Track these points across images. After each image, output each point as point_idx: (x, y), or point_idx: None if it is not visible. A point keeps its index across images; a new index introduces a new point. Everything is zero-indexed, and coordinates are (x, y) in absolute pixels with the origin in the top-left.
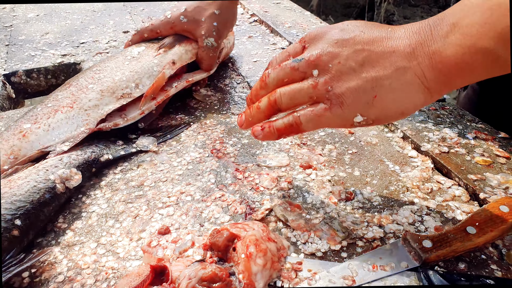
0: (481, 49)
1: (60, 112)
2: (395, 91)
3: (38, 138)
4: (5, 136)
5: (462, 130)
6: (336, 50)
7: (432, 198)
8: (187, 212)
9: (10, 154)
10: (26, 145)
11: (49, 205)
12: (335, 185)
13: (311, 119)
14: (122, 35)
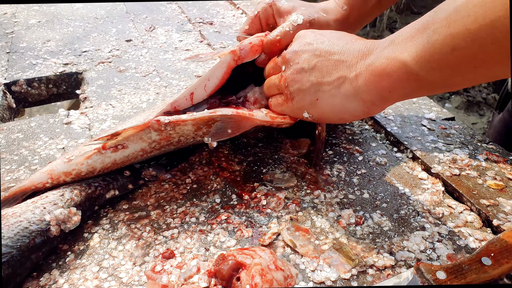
0: (400, 62)
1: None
2: (333, 98)
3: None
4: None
5: (473, 151)
6: (300, 51)
7: (443, 224)
8: (192, 234)
9: (66, 156)
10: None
11: (39, 250)
12: (344, 208)
13: (275, 106)
14: (125, 43)
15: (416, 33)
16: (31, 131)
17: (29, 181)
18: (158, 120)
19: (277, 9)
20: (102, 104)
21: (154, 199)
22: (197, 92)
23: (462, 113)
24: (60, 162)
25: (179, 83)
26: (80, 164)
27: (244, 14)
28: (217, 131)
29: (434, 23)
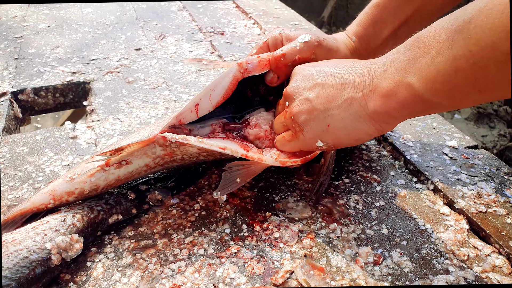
0: (406, 85)
1: (136, 132)
2: (344, 120)
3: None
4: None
5: (500, 185)
6: (301, 83)
7: (469, 267)
8: (200, 268)
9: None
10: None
11: (39, 281)
12: (362, 245)
13: (283, 144)
14: (134, 52)
15: (419, 55)
16: (36, 145)
17: (30, 202)
18: (165, 137)
19: (287, 35)
20: (109, 117)
21: (161, 226)
22: (203, 103)
23: (472, 124)
24: (62, 181)
25: (189, 97)
26: (83, 182)
27: (256, 24)
28: (225, 183)
29: (436, 44)
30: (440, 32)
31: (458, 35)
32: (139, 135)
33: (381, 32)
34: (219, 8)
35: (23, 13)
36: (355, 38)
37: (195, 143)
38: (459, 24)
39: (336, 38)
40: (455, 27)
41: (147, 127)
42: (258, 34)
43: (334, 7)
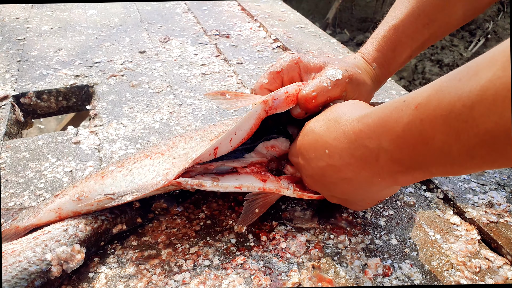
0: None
1: (149, 158)
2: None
3: (113, 182)
4: (89, 175)
5: (511, 194)
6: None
7: (481, 280)
8: (205, 280)
9: (75, 194)
10: (97, 188)
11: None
12: (371, 256)
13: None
14: (138, 55)
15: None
16: (38, 150)
17: (36, 219)
18: (180, 183)
19: (305, 65)
20: (113, 122)
21: (165, 235)
22: (222, 147)
23: None
24: (68, 200)
25: (193, 101)
26: (90, 205)
27: (261, 27)
28: (245, 214)
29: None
30: (438, 119)
31: (461, 124)
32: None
33: (400, 57)
34: (224, 10)
35: (26, 15)
36: (375, 65)
37: (210, 188)
38: (459, 111)
39: (360, 68)
40: (455, 114)
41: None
42: (264, 37)
43: (339, 9)
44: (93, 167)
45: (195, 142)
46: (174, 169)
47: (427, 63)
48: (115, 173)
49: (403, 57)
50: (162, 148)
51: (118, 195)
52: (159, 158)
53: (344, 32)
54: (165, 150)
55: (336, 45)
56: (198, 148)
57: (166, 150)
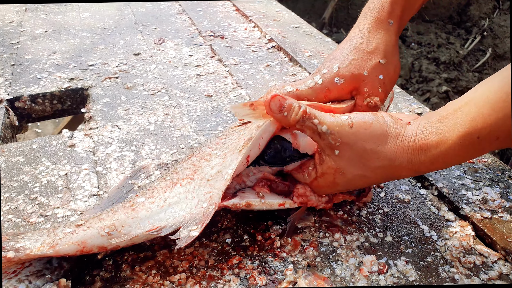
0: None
1: (179, 185)
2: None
3: (149, 215)
4: (116, 207)
5: (505, 190)
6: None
7: (475, 275)
8: (200, 280)
9: (104, 228)
10: (131, 222)
11: None
12: (366, 253)
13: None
14: (133, 57)
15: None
16: (32, 154)
17: (54, 251)
18: (227, 206)
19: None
20: (107, 125)
21: (160, 237)
22: (252, 153)
23: None
24: (96, 234)
25: (188, 103)
26: (122, 241)
27: (256, 28)
28: (290, 230)
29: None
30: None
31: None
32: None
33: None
34: (219, 11)
35: (20, 18)
36: (392, 21)
37: (258, 207)
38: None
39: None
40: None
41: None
42: (259, 38)
43: (335, 8)
44: (88, 169)
45: (220, 158)
46: (216, 191)
47: (424, 61)
48: (148, 205)
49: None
50: (186, 172)
51: (166, 230)
52: (191, 183)
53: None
54: (192, 174)
55: (331, 44)
56: (229, 162)
57: (192, 173)
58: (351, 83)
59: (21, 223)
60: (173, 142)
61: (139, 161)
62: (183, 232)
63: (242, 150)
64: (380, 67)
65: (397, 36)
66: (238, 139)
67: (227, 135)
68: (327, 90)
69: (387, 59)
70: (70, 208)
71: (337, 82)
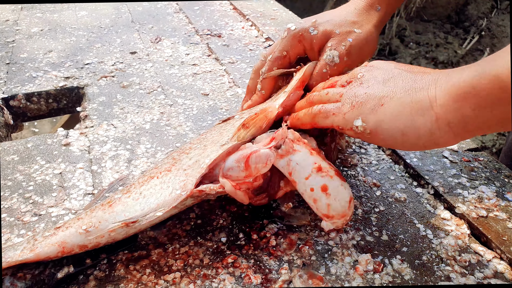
0: (490, 74)
1: (156, 178)
2: (402, 106)
3: (125, 209)
4: (94, 206)
5: (500, 189)
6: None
7: (470, 274)
8: (195, 279)
9: (82, 225)
10: (108, 217)
11: None
12: (362, 252)
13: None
14: (129, 56)
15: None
16: (27, 153)
17: (34, 254)
18: (201, 191)
19: (309, 43)
20: (103, 123)
21: (154, 235)
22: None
23: None
24: (74, 232)
25: (185, 101)
26: (101, 237)
27: (253, 26)
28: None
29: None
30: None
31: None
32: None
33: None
34: (216, 10)
35: (16, 17)
36: (379, 6)
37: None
38: None
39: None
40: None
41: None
42: (256, 36)
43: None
44: (83, 168)
45: (200, 149)
46: (191, 178)
47: (422, 60)
48: (124, 199)
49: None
50: (165, 166)
51: (141, 220)
52: (168, 174)
53: None
54: (170, 167)
55: None
56: (208, 153)
57: (170, 166)
58: (323, 38)
59: (15, 222)
60: (169, 140)
61: (135, 159)
62: (149, 214)
63: (224, 145)
64: (353, 33)
65: (381, 22)
66: (220, 134)
67: (209, 131)
68: (300, 36)
69: (362, 32)
70: (65, 207)
71: (311, 32)
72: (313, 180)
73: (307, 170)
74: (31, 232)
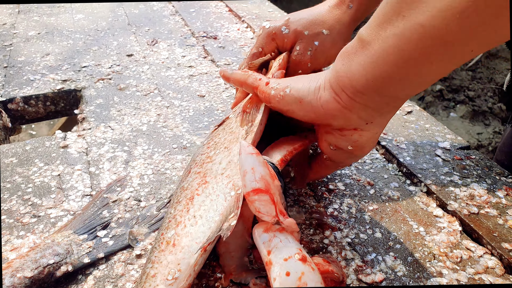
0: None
1: (196, 195)
2: (303, 78)
3: (192, 238)
4: (154, 258)
5: (492, 186)
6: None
7: (462, 269)
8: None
9: (167, 275)
10: (182, 255)
11: None
12: (355, 250)
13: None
14: (126, 58)
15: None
16: (25, 155)
17: None
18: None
19: (281, 41)
20: (100, 126)
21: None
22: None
23: (467, 122)
24: (163, 286)
25: (181, 103)
26: (189, 276)
27: (249, 28)
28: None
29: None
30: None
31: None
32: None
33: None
34: (212, 12)
35: (13, 20)
36: (352, 5)
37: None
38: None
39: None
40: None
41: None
42: (251, 38)
43: None
44: (81, 170)
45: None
46: (235, 176)
47: None
48: (182, 231)
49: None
50: (195, 182)
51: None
52: (207, 186)
53: None
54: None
55: None
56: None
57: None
58: (293, 38)
59: (14, 224)
60: (165, 142)
61: (132, 161)
62: (225, 225)
63: (248, 137)
64: (320, 35)
65: (353, 20)
66: (231, 133)
67: (213, 138)
68: (273, 34)
69: (331, 34)
70: (63, 208)
71: (283, 31)
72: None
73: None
74: (30, 233)
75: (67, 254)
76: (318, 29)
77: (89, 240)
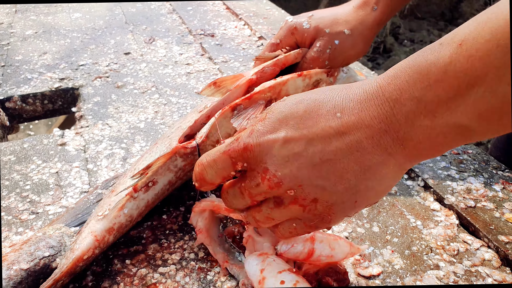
0: (454, 125)
1: (146, 153)
2: (373, 188)
3: (124, 186)
4: (100, 203)
5: (488, 180)
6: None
7: (459, 262)
8: (190, 273)
9: (98, 212)
10: (114, 198)
11: None
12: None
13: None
14: (124, 57)
15: (453, 84)
16: (23, 153)
17: (80, 251)
18: (184, 147)
19: (300, 36)
20: (98, 123)
21: (151, 230)
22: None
23: None
24: (94, 222)
25: (178, 100)
26: (117, 217)
27: (246, 26)
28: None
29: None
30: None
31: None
32: (155, 153)
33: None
34: (209, 10)
35: (10, 20)
36: (376, 6)
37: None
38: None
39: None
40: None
41: (157, 145)
42: (249, 35)
43: (327, 7)
44: (79, 167)
45: (179, 122)
46: (175, 137)
47: None
48: (121, 180)
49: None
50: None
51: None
52: (155, 146)
53: None
54: (156, 142)
55: None
56: (189, 119)
57: (155, 144)
58: (313, 33)
59: (13, 221)
60: None
61: (130, 158)
62: (144, 162)
63: (202, 111)
64: (342, 35)
65: (377, 23)
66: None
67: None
68: (294, 28)
69: (352, 34)
70: (61, 205)
71: (304, 26)
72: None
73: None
74: (29, 230)
75: (60, 246)
76: (340, 28)
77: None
